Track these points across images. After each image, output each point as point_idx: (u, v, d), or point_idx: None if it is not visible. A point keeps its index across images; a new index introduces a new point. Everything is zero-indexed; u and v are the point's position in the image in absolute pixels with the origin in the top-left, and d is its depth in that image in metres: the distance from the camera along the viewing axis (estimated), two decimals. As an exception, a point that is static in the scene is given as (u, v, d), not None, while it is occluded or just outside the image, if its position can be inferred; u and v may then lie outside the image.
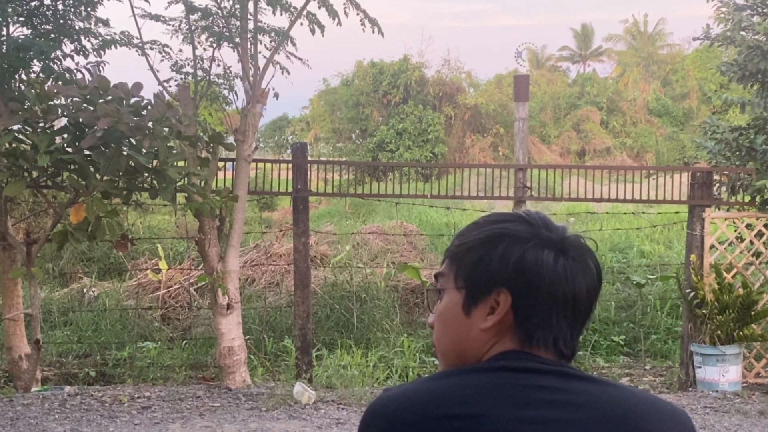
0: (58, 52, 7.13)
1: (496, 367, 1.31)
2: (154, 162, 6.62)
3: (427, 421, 1.25)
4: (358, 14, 7.63)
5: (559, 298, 1.31)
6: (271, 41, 7.69)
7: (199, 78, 7.56)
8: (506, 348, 1.33)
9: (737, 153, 8.71)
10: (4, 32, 6.95)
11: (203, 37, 7.55)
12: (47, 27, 7.19)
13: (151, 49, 7.43)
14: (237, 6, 7.51)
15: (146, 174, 6.77)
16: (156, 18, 7.43)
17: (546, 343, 1.32)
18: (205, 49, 7.58)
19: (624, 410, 1.27)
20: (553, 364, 1.32)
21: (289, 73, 7.91)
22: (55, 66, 7.13)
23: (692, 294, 7.71)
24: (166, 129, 6.50)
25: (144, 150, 6.51)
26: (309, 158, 8.81)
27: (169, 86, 7.44)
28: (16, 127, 6.69)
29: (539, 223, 1.36)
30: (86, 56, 7.28)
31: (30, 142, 6.60)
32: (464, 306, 1.35)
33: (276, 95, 7.91)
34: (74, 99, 6.51)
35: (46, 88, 6.61)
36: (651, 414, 1.29)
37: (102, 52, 7.27)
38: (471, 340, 1.35)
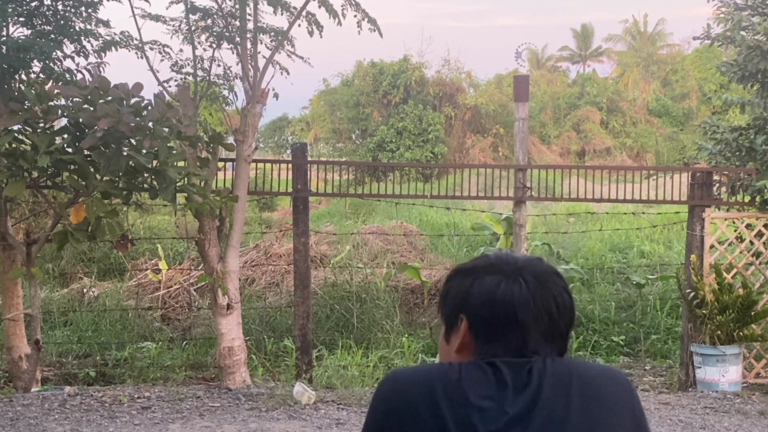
0: (59, 53, 7.12)
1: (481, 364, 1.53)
2: (154, 162, 6.61)
3: (427, 400, 1.48)
4: (356, 15, 7.62)
5: (500, 317, 1.53)
6: (271, 41, 7.69)
7: (199, 78, 7.55)
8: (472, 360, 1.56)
9: (737, 153, 8.71)
10: (5, 32, 6.94)
11: (203, 37, 7.55)
12: (47, 27, 7.18)
13: (151, 49, 7.42)
14: (237, 6, 7.51)
15: (146, 174, 6.76)
16: (156, 18, 7.43)
17: (506, 354, 1.53)
18: (205, 50, 7.59)
19: (576, 375, 1.52)
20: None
21: (289, 73, 7.92)
22: (56, 66, 7.13)
23: (692, 294, 7.71)
24: (167, 129, 6.50)
25: (144, 150, 6.50)
26: (309, 158, 8.80)
27: (169, 86, 7.44)
28: (16, 128, 6.68)
29: (493, 259, 1.60)
30: (86, 57, 7.28)
31: (30, 142, 6.59)
32: (445, 335, 1.62)
33: (276, 95, 7.91)
34: (74, 99, 6.50)
35: (46, 88, 6.60)
36: (597, 377, 1.53)
37: (103, 54, 7.27)
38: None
